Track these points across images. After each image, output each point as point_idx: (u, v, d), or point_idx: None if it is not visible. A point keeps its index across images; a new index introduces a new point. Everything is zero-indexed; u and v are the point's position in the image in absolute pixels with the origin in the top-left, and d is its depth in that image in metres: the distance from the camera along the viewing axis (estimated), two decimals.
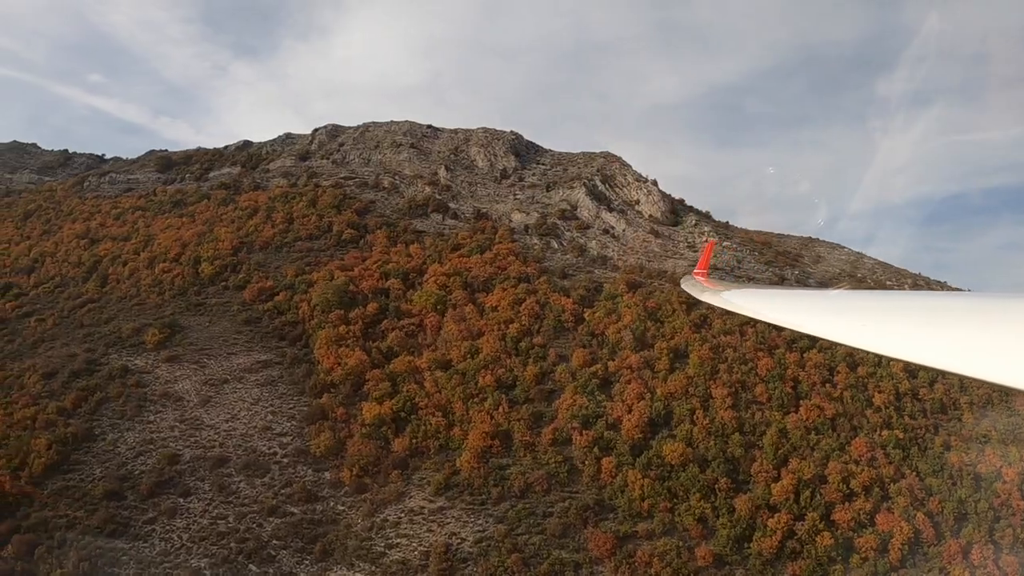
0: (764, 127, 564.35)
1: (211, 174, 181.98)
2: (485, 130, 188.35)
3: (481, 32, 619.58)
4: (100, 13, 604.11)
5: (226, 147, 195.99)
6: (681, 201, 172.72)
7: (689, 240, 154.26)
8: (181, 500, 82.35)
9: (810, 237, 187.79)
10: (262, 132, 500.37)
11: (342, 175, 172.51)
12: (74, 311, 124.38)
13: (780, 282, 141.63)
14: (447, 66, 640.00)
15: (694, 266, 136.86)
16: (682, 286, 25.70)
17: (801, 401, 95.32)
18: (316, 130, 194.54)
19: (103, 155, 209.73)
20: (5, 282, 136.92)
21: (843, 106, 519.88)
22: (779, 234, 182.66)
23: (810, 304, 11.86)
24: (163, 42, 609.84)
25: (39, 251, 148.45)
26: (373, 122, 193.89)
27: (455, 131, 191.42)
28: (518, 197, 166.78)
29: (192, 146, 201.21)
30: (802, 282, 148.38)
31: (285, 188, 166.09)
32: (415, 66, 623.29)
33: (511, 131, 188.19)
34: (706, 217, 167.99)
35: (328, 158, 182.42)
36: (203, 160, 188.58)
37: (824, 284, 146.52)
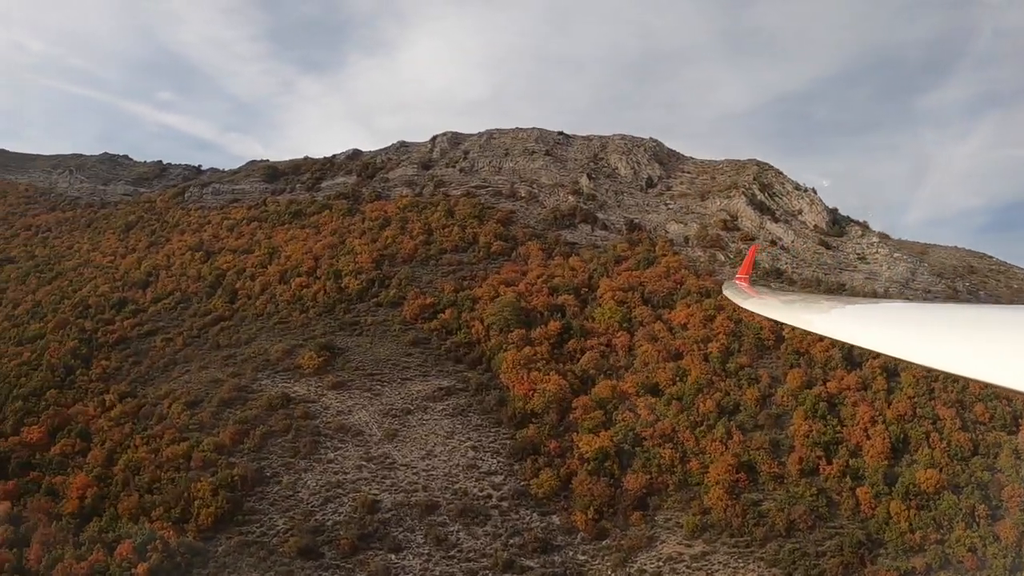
0: (833, 134, 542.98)
1: (323, 184, 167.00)
2: (622, 136, 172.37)
3: (546, 43, 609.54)
4: (170, 33, 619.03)
5: (334, 156, 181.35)
6: (835, 210, 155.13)
7: (858, 251, 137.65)
8: (393, 557, 66.23)
9: (955, 246, 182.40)
10: (330, 147, 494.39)
11: (473, 184, 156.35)
12: (205, 330, 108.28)
13: (954, 295, 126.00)
14: (512, 78, 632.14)
15: (872, 279, 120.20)
16: (724, 292, 23.91)
17: (1020, 420, 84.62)
18: (435, 137, 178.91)
19: (199, 166, 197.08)
20: (119, 297, 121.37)
21: (915, 110, 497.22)
22: (928, 243, 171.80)
23: (863, 315, 11.06)
24: (231, 60, 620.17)
25: (151, 264, 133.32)
26: (497, 129, 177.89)
27: (588, 138, 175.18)
28: (670, 207, 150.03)
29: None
30: (973, 294, 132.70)
31: (411, 198, 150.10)
32: (480, 79, 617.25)
33: (650, 138, 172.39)
34: (864, 227, 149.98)
35: (454, 166, 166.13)
36: (313, 169, 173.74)
37: (996, 300, 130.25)
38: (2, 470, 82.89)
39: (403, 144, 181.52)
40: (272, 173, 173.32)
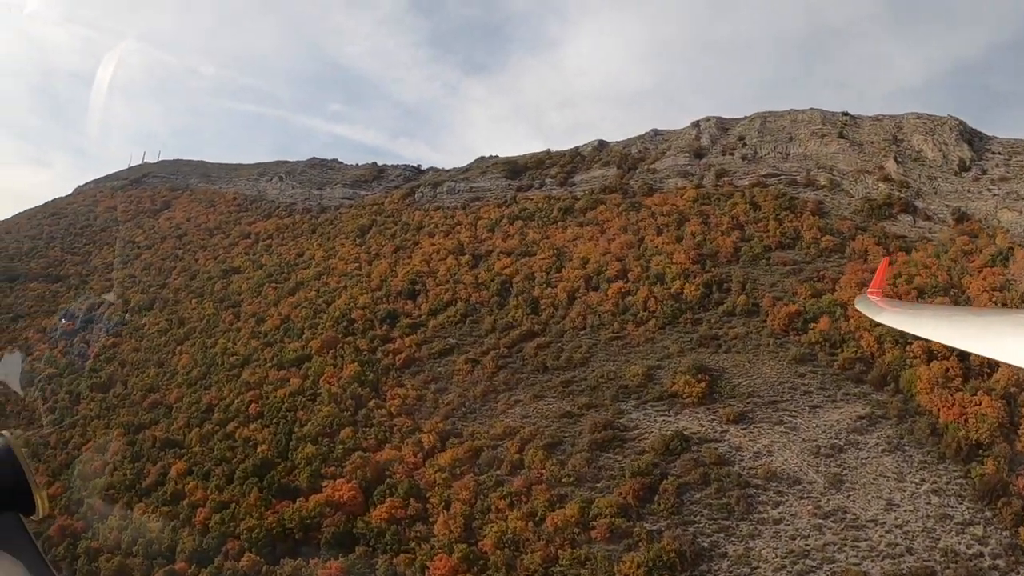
0: (1016, 105, 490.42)
1: (576, 178, 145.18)
2: (917, 115, 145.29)
3: (709, 28, 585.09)
4: (335, 47, 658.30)
5: (576, 149, 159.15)
6: None
7: None
8: None
9: None
10: (499, 147, 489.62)
11: (761, 172, 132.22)
12: (516, 347, 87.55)
13: None
14: (676, 67, 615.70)
15: None
16: (856, 307, 22.33)
17: None
18: (698, 123, 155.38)
19: (419, 166, 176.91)
20: (387, 309, 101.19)
21: None
22: None
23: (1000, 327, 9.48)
24: (395, 67, 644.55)
25: (410, 270, 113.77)
26: (768, 111, 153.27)
27: (877, 118, 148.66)
28: (994, 193, 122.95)
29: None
30: None
31: (692, 189, 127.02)
32: (643, 69, 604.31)
33: (949, 115, 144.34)
34: None
35: (731, 153, 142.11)
36: (560, 163, 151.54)
37: None
38: (310, 540, 62.72)
39: (657, 132, 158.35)
40: (513, 168, 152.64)
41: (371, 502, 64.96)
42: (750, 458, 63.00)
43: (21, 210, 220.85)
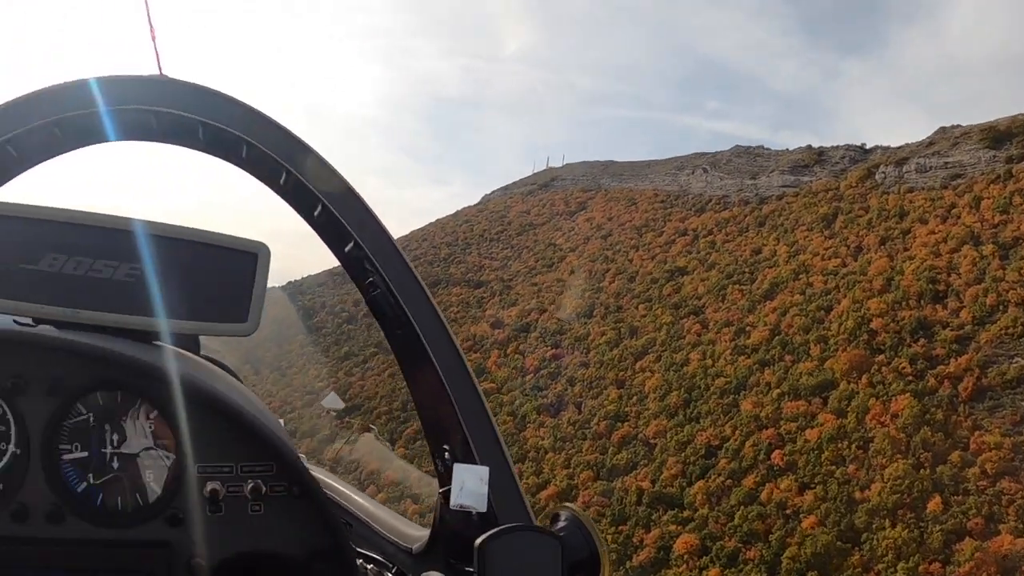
0: None
1: None
2: None
3: None
4: (706, 45, 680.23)
5: None
6: None
7: None
8: None
9: None
10: (889, 126, 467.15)
11: None
12: None
13: None
14: None
15: None
16: None
17: None
18: None
19: (863, 145, 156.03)
20: (913, 317, 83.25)
21: None
22: None
23: None
24: (769, 58, 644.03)
25: (919, 267, 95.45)
26: None
27: None
28: None
29: None
30: None
31: None
32: None
33: None
34: None
35: None
36: None
37: None
38: None
39: None
40: (995, 136, 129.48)
41: None
42: None
43: (427, 223, 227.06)
